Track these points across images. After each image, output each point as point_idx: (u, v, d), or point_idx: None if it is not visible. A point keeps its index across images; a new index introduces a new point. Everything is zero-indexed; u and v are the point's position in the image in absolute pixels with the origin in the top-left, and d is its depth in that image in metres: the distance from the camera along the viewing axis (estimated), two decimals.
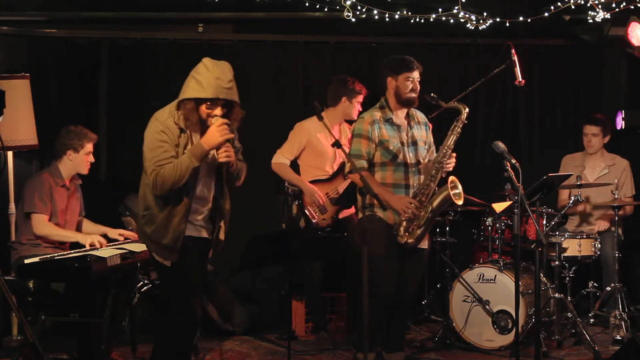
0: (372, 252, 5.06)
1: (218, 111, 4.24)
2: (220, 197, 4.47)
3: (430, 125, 5.55)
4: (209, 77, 4.19)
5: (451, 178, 5.19)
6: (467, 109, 5.31)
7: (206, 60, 4.27)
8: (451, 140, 5.25)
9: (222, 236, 4.52)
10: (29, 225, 5.55)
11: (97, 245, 5.49)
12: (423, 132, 5.41)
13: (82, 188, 5.95)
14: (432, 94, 5.29)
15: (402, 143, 5.25)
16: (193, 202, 4.35)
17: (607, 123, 6.73)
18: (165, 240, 4.31)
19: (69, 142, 5.65)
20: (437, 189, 5.22)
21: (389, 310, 5.28)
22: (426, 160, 5.37)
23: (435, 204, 5.18)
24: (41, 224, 5.52)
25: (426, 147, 5.39)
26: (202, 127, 4.28)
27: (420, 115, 5.46)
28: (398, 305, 5.33)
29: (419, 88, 5.29)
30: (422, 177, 5.30)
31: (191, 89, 4.23)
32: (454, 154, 5.26)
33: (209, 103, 4.23)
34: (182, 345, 4.44)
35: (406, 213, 5.11)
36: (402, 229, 5.16)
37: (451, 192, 5.13)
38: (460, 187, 5.22)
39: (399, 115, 5.33)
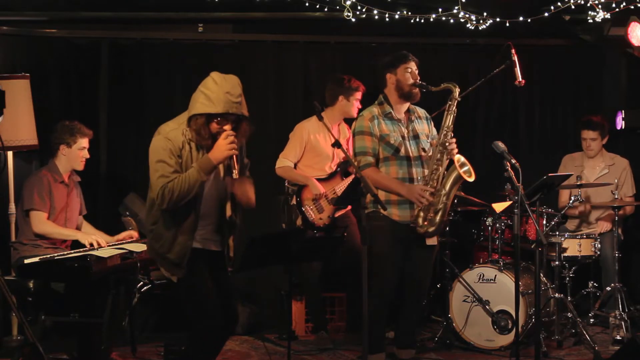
0: (375, 250, 5.07)
1: (228, 127, 4.20)
2: (235, 213, 4.47)
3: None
4: (219, 92, 4.15)
5: (457, 157, 5.19)
6: (458, 88, 5.32)
7: (214, 75, 4.22)
8: (449, 120, 5.26)
9: (231, 253, 4.50)
10: (29, 224, 5.55)
11: (96, 245, 5.49)
12: (425, 126, 5.43)
13: (82, 187, 5.96)
14: (419, 81, 5.30)
15: (403, 137, 5.26)
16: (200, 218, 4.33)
17: (605, 125, 6.71)
18: (171, 255, 4.28)
19: (62, 137, 5.66)
20: (445, 172, 5.22)
21: (394, 307, 5.28)
22: (430, 152, 5.37)
23: (447, 186, 5.19)
24: (40, 221, 5.52)
25: (429, 140, 5.40)
26: (213, 142, 4.23)
27: (420, 111, 5.49)
28: (409, 304, 5.33)
29: (418, 79, 5.31)
30: (426, 169, 5.30)
31: (201, 104, 4.17)
32: (454, 139, 5.25)
33: (219, 118, 4.18)
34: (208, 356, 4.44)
35: (420, 202, 5.11)
36: (420, 219, 5.16)
37: (460, 170, 5.13)
38: (468, 164, 5.22)
39: (399, 110, 5.35)
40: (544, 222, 6.14)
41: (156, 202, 4.21)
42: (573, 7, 6.37)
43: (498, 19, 6.57)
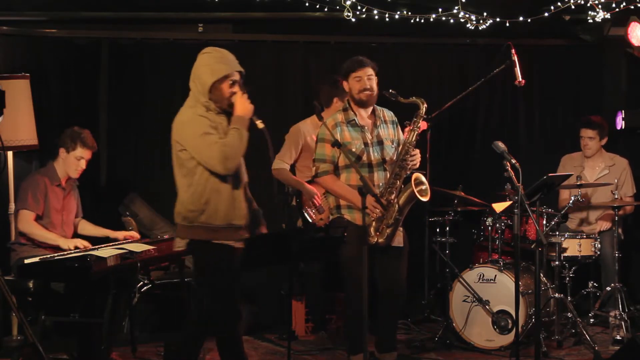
0: (344, 255, 5.08)
1: (237, 88, 4.48)
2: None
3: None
4: (225, 56, 4.48)
5: (415, 175, 5.17)
6: (425, 104, 5.31)
7: (206, 49, 4.52)
8: (412, 136, 5.24)
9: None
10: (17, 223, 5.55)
11: (81, 247, 5.49)
12: (390, 131, 5.40)
13: (82, 188, 5.95)
14: (390, 90, 5.30)
15: (365, 144, 5.25)
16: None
17: (604, 125, 6.70)
18: (236, 220, 4.47)
19: (64, 140, 5.64)
20: (403, 186, 5.22)
21: (372, 310, 5.28)
22: (394, 157, 5.36)
23: (401, 202, 5.18)
24: (26, 220, 5.50)
25: (393, 145, 5.38)
26: (230, 107, 4.51)
27: (387, 114, 5.45)
28: (387, 306, 5.33)
29: (372, 85, 5.28)
30: (389, 175, 5.30)
31: (217, 70, 4.43)
32: (417, 150, 5.26)
33: (231, 82, 4.45)
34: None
35: (373, 213, 5.11)
36: (372, 229, 5.16)
37: (416, 189, 5.11)
38: (426, 183, 5.20)
39: (363, 116, 5.33)
40: (544, 222, 6.14)
41: (218, 167, 4.36)
42: (573, 7, 6.37)
43: (498, 19, 6.57)
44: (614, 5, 6.36)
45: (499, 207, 6.07)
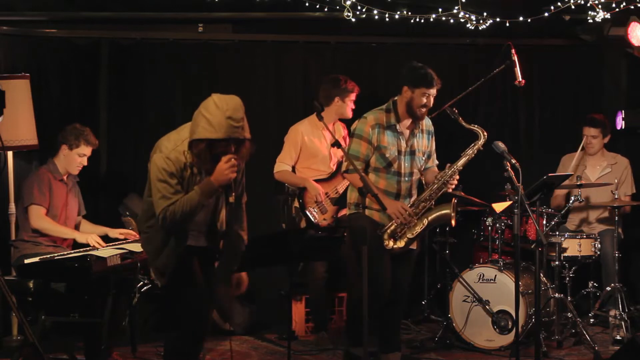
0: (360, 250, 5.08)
1: (230, 149, 4.18)
2: (223, 226, 4.48)
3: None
4: (221, 117, 4.07)
5: (455, 200, 5.23)
6: (485, 134, 5.29)
7: (216, 97, 4.15)
8: (462, 161, 5.26)
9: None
10: (28, 219, 5.55)
11: (96, 245, 5.50)
12: (424, 142, 5.39)
13: (82, 188, 5.96)
14: (454, 109, 5.30)
15: (399, 151, 5.24)
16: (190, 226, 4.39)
17: (607, 124, 6.71)
18: (156, 262, 4.38)
19: (67, 137, 5.66)
20: (433, 204, 5.22)
21: (381, 310, 5.27)
22: (422, 168, 5.37)
23: (431, 218, 5.20)
24: (39, 216, 5.51)
25: (424, 157, 5.38)
26: (214, 165, 4.20)
27: (426, 123, 5.42)
28: (390, 306, 5.33)
29: (431, 105, 5.28)
30: (414, 186, 5.32)
31: (202, 128, 4.09)
32: (458, 176, 5.27)
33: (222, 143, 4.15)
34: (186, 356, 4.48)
35: (398, 218, 5.10)
36: (388, 231, 5.17)
37: (452, 212, 5.18)
38: (455, 211, 5.26)
39: (405, 123, 5.30)
40: (544, 222, 6.14)
41: (158, 223, 4.25)
42: (573, 7, 6.36)
43: (498, 19, 6.57)
44: (614, 5, 6.36)
45: (499, 207, 6.07)
